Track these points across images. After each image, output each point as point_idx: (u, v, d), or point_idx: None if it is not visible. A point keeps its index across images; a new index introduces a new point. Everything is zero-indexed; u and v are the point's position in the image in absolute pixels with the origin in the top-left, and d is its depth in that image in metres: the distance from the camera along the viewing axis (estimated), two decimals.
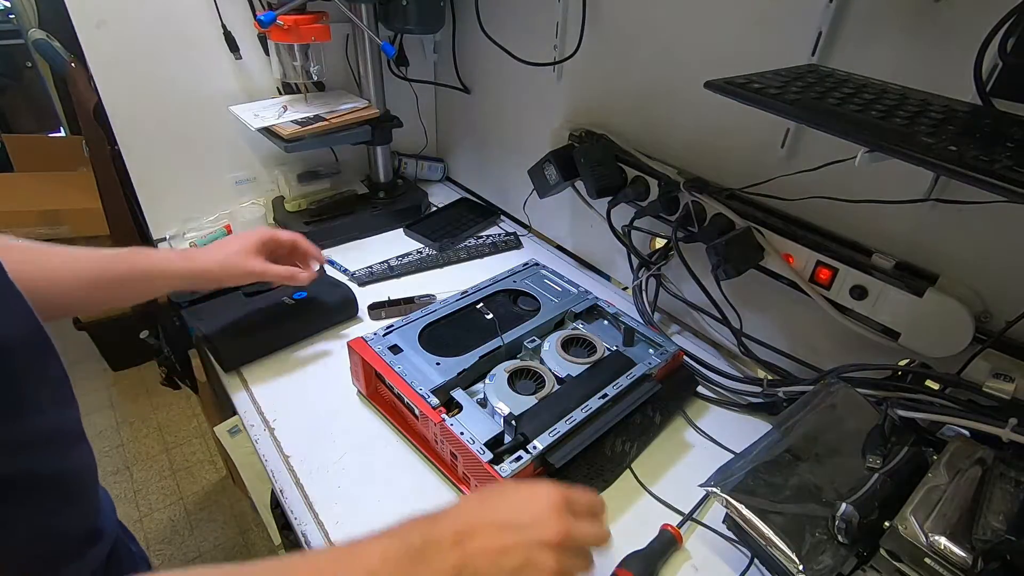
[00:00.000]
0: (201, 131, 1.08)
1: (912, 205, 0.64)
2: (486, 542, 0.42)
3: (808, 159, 0.71)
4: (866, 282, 0.68)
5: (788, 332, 0.83)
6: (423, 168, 1.41)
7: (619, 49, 0.92)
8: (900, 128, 0.46)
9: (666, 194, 0.85)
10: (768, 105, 0.52)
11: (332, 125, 1.05)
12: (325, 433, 0.74)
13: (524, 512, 0.44)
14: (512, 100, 1.18)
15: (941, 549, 0.49)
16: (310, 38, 0.99)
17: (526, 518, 0.44)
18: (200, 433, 1.96)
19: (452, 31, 1.23)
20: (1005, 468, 0.55)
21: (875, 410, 0.65)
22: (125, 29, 0.94)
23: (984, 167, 0.39)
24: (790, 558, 0.53)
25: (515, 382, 0.73)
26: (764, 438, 0.64)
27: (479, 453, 0.62)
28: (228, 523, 1.69)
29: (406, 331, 0.79)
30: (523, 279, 0.93)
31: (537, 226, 1.23)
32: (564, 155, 0.97)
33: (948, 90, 0.55)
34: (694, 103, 0.84)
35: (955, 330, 0.62)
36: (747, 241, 0.76)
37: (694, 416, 0.80)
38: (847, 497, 0.55)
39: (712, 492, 0.59)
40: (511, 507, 0.45)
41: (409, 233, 1.18)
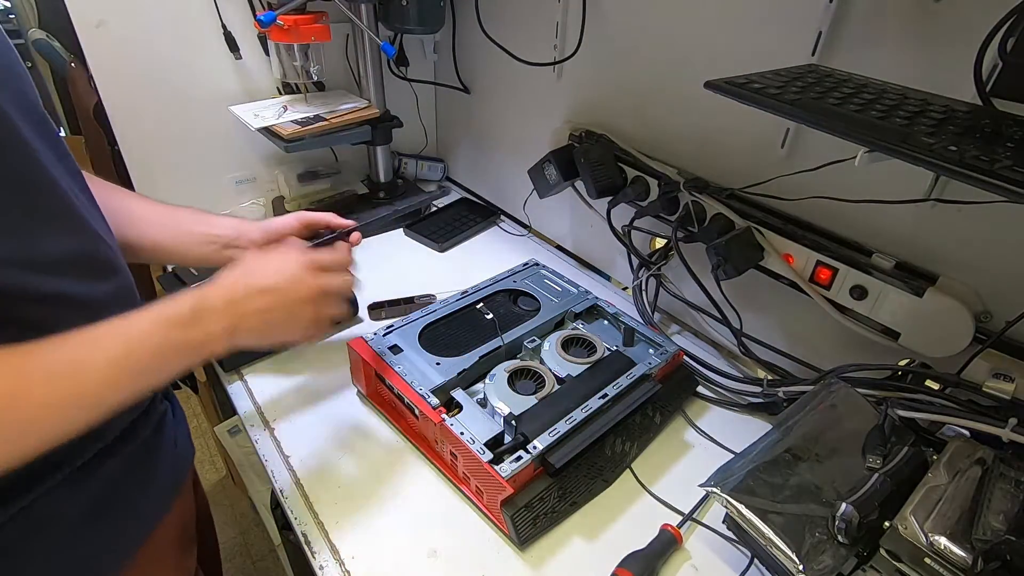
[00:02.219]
0: (201, 131, 1.08)
1: (912, 205, 0.64)
2: (252, 304, 0.51)
3: (808, 159, 0.71)
4: (866, 282, 0.68)
5: (788, 332, 0.83)
6: (423, 168, 1.41)
7: (619, 49, 0.92)
8: (900, 128, 0.46)
9: (666, 194, 0.85)
10: (768, 105, 0.52)
11: (332, 125, 1.05)
12: (325, 433, 0.75)
13: (280, 276, 0.54)
14: (512, 100, 1.18)
15: (941, 549, 0.49)
16: (310, 38, 0.99)
17: (283, 281, 0.53)
18: (200, 433, 1.96)
19: (452, 31, 1.23)
20: (1005, 468, 0.55)
21: (875, 410, 0.65)
22: (125, 29, 0.94)
23: (984, 167, 0.39)
24: (790, 558, 0.53)
25: (515, 382, 0.73)
26: (764, 438, 0.64)
27: (479, 453, 0.62)
28: (228, 523, 1.69)
29: (406, 331, 0.79)
30: (523, 279, 0.93)
31: (537, 226, 1.23)
32: (564, 155, 0.97)
33: (948, 90, 0.55)
34: (694, 103, 0.84)
35: (955, 330, 0.62)
36: (747, 241, 0.76)
37: (694, 416, 0.80)
38: (847, 497, 0.55)
39: (712, 492, 0.59)
40: (270, 273, 0.53)
41: (409, 233, 1.18)
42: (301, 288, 0.54)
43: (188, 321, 0.47)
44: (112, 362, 0.42)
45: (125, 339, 0.43)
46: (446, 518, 0.65)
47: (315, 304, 0.56)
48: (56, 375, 0.39)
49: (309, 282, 0.55)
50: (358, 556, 0.61)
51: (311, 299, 0.55)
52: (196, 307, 0.48)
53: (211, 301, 0.49)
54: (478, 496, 0.65)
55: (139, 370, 0.44)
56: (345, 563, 0.60)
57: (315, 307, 0.56)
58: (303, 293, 0.55)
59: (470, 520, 0.65)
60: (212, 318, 0.48)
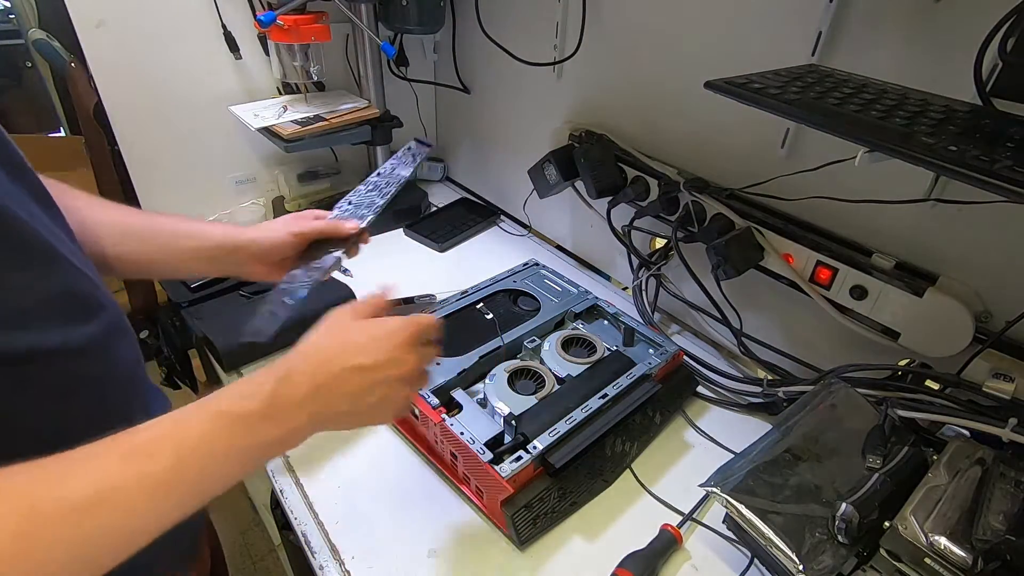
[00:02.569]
0: (201, 131, 1.08)
1: (912, 205, 0.64)
2: (345, 387, 0.42)
3: (808, 159, 0.71)
4: (866, 282, 0.68)
5: (788, 332, 0.83)
6: (423, 168, 1.41)
7: (619, 49, 0.92)
8: (900, 128, 0.46)
9: (666, 194, 0.85)
10: (768, 105, 0.52)
11: (332, 125, 1.05)
12: (325, 433, 0.74)
13: (381, 352, 0.44)
14: (512, 100, 1.18)
15: (941, 549, 0.49)
16: (310, 38, 0.99)
17: (383, 358, 0.44)
18: None
19: (452, 31, 1.23)
20: (1005, 468, 0.55)
21: (875, 410, 0.65)
22: (125, 29, 0.94)
23: (984, 167, 0.39)
24: (790, 558, 0.53)
25: (515, 382, 0.73)
26: (764, 438, 0.64)
27: (479, 453, 0.61)
28: (228, 523, 1.69)
29: None
30: (523, 279, 0.93)
31: (537, 226, 1.23)
32: (564, 155, 0.97)
33: (948, 90, 0.55)
34: (694, 103, 0.84)
35: (955, 330, 0.62)
36: (747, 241, 0.76)
37: (694, 416, 0.80)
38: (847, 497, 0.55)
39: (712, 492, 0.59)
40: (368, 348, 0.44)
41: (409, 233, 1.18)
42: (403, 367, 0.45)
43: (263, 417, 0.39)
44: (158, 481, 0.33)
45: (175, 447, 0.35)
46: (446, 518, 0.65)
47: (412, 384, 0.47)
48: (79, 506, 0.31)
49: (411, 360, 0.46)
50: (358, 556, 0.61)
51: (411, 379, 0.46)
52: (274, 398, 0.39)
53: (294, 389, 0.40)
54: (478, 496, 0.65)
55: (192, 484, 0.35)
56: (345, 563, 0.60)
57: (412, 387, 0.47)
58: (404, 372, 0.45)
59: (470, 520, 0.65)
60: (293, 411, 0.40)
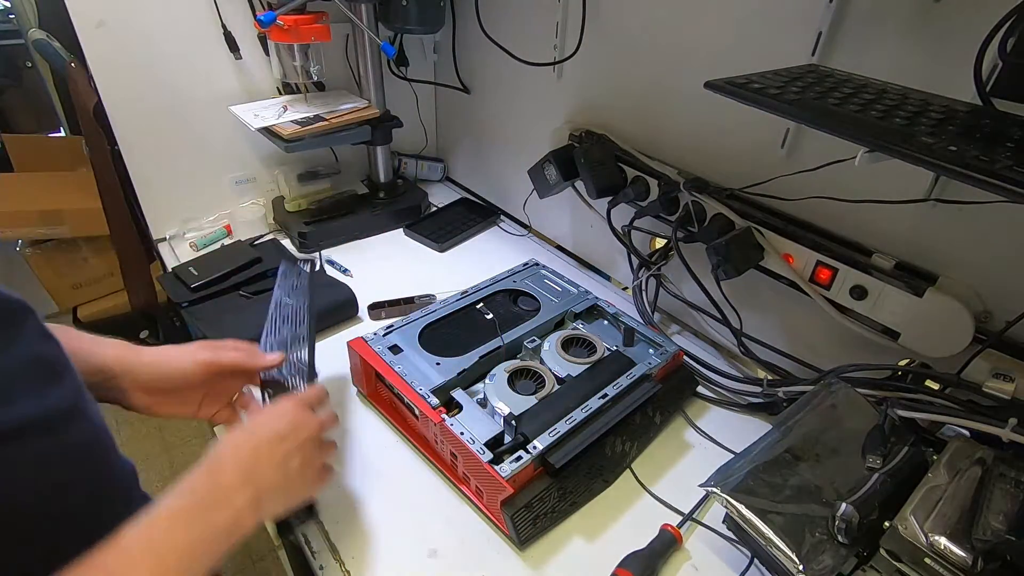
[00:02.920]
0: (201, 131, 1.08)
1: (912, 205, 0.64)
2: (266, 460, 0.49)
3: (808, 159, 0.71)
4: (866, 282, 0.68)
5: (788, 332, 0.83)
6: (423, 168, 1.41)
7: (619, 49, 0.92)
8: (900, 128, 0.46)
9: (666, 194, 0.85)
10: (768, 105, 0.52)
11: (332, 125, 1.05)
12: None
13: (283, 420, 0.52)
14: (512, 100, 1.18)
15: (941, 549, 0.49)
16: (310, 38, 0.99)
17: (287, 425, 0.51)
18: (200, 433, 1.96)
19: (452, 31, 1.23)
20: (1005, 468, 0.55)
21: (875, 410, 0.65)
22: (125, 29, 0.94)
23: (984, 167, 0.39)
24: (790, 558, 0.53)
25: (515, 382, 0.73)
26: (764, 438, 0.64)
27: (479, 453, 0.61)
28: None
29: (406, 331, 0.79)
30: (523, 279, 0.93)
31: (537, 226, 1.23)
32: (564, 155, 0.97)
33: (948, 90, 0.55)
34: (694, 103, 0.84)
35: (955, 330, 0.62)
36: (747, 241, 0.76)
37: (694, 416, 0.80)
38: (847, 497, 0.55)
39: (712, 492, 0.59)
40: (272, 423, 0.51)
41: (409, 233, 1.18)
42: (305, 427, 0.53)
43: (210, 504, 0.44)
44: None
45: (149, 547, 0.39)
46: (446, 518, 0.65)
47: (321, 444, 0.54)
48: None
49: (310, 420, 0.54)
50: (358, 556, 0.61)
51: (317, 437, 0.54)
52: (211, 486, 0.45)
53: (226, 475, 0.46)
54: (478, 496, 0.65)
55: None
56: (345, 563, 0.60)
57: (322, 446, 0.55)
58: (311, 431, 0.53)
59: (470, 520, 0.65)
60: (232, 494, 0.45)
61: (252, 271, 0.98)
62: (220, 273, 0.96)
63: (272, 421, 0.52)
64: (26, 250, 1.87)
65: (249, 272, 0.98)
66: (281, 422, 0.52)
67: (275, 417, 0.52)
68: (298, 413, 0.53)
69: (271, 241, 1.12)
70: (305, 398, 0.56)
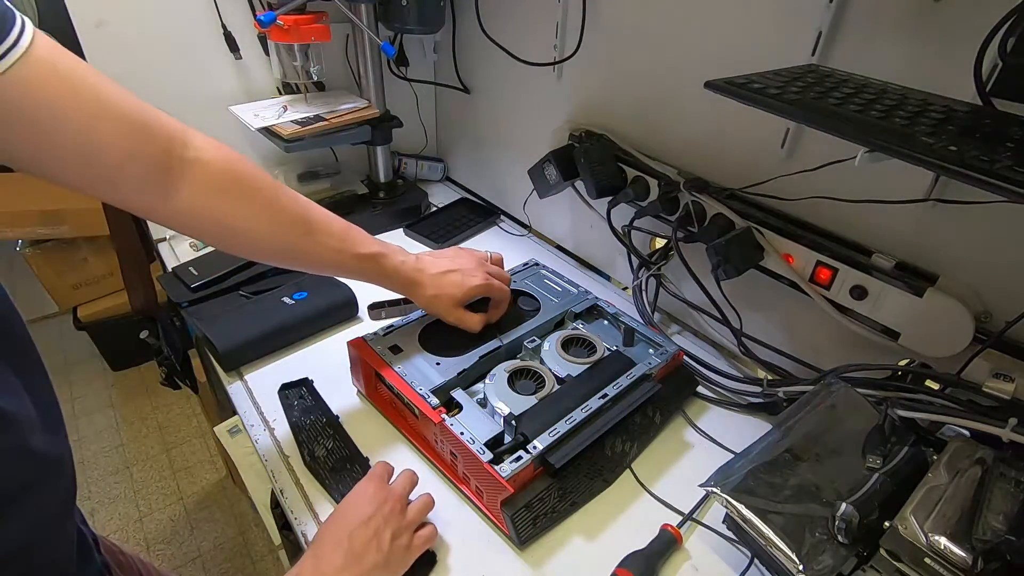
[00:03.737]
0: (201, 131, 1.08)
1: (912, 205, 0.64)
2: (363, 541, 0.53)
3: (808, 159, 0.71)
4: (866, 282, 0.68)
5: (788, 332, 0.83)
6: (423, 168, 1.41)
7: (619, 49, 0.92)
8: (900, 128, 0.46)
9: (666, 194, 0.85)
10: (768, 105, 0.52)
11: (332, 125, 1.05)
12: None
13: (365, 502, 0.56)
14: (512, 100, 1.18)
15: (941, 549, 0.49)
16: (310, 38, 0.99)
17: (369, 506, 0.55)
18: (200, 433, 1.96)
19: (452, 31, 1.23)
20: (1005, 468, 0.55)
21: (875, 410, 0.65)
22: (125, 29, 0.94)
23: (984, 167, 0.39)
24: (790, 558, 0.53)
25: (515, 382, 0.73)
26: (764, 438, 0.64)
27: (479, 453, 0.61)
28: (228, 523, 1.69)
29: (406, 331, 0.79)
30: (523, 279, 0.93)
31: (537, 226, 1.23)
32: (564, 155, 0.97)
33: (948, 90, 0.55)
34: (694, 103, 0.84)
35: (955, 330, 0.62)
36: (747, 241, 0.76)
37: (694, 416, 0.80)
38: (847, 497, 0.55)
39: (712, 492, 0.59)
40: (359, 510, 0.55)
41: (409, 233, 1.18)
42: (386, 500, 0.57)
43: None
44: None
45: None
46: (446, 518, 0.65)
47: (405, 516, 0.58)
48: None
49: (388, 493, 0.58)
50: None
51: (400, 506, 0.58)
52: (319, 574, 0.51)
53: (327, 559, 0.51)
54: (478, 496, 0.65)
55: None
56: None
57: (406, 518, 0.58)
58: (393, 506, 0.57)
59: (470, 520, 0.65)
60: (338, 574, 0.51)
61: (252, 271, 0.98)
62: (220, 273, 0.96)
63: (357, 505, 0.56)
64: (26, 250, 1.87)
65: (249, 272, 0.98)
66: (362, 501, 0.56)
67: (360, 499, 0.56)
68: (377, 490, 0.57)
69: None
70: (375, 473, 0.60)
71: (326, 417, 0.76)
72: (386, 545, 0.53)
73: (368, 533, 0.53)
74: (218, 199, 0.53)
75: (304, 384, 0.81)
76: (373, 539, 0.53)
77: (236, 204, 0.55)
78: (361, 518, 0.54)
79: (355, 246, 0.65)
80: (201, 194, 0.52)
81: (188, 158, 0.51)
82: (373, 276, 0.68)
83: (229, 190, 0.54)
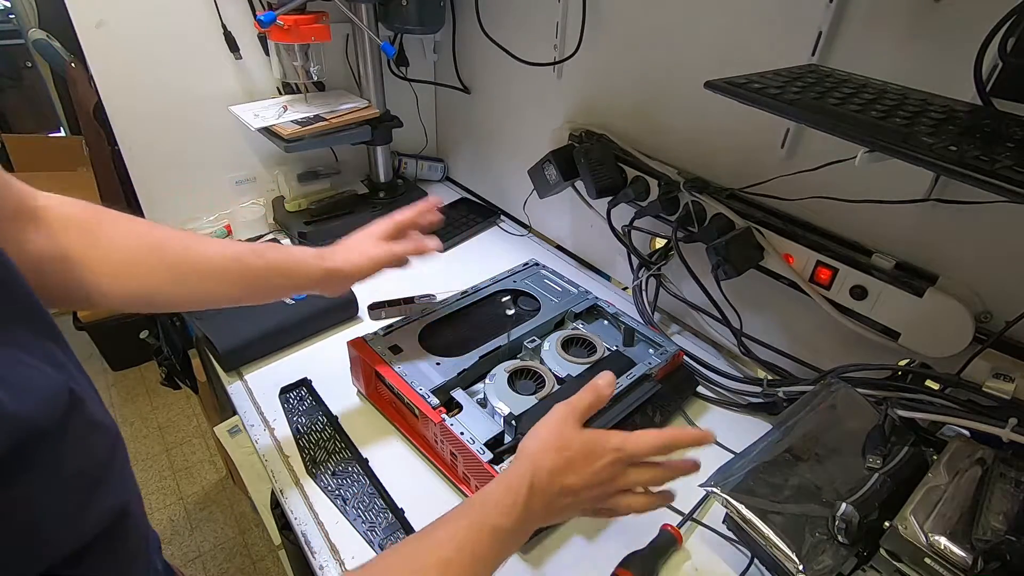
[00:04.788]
0: (201, 131, 1.08)
1: (912, 205, 0.64)
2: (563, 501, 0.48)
3: (808, 159, 0.71)
4: (866, 282, 0.68)
5: (788, 332, 0.83)
6: (423, 168, 1.41)
7: (619, 49, 0.92)
8: (900, 128, 0.46)
9: (666, 194, 0.85)
10: (768, 105, 0.52)
11: (332, 125, 1.05)
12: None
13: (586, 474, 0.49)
14: (512, 100, 1.18)
15: (941, 549, 0.49)
16: (310, 38, 0.99)
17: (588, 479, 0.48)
18: (200, 433, 1.96)
19: (452, 31, 1.23)
20: (1005, 468, 0.55)
21: (875, 410, 0.65)
22: (125, 29, 0.94)
23: (984, 167, 0.39)
24: (790, 558, 0.53)
25: (515, 382, 0.73)
26: (764, 438, 0.64)
27: (479, 453, 0.61)
28: (228, 523, 1.69)
29: (406, 331, 0.79)
30: (523, 279, 0.93)
31: (537, 226, 1.23)
32: (564, 155, 0.97)
33: (948, 90, 0.55)
34: (694, 103, 0.84)
35: (955, 330, 0.62)
36: (747, 241, 0.76)
37: (694, 416, 0.80)
38: (847, 497, 0.55)
39: (712, 492, 0.59)
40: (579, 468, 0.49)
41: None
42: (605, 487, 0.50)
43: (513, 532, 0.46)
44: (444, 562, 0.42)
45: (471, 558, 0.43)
46: None
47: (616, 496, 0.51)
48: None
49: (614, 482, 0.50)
50: (358, 556, 0.61)
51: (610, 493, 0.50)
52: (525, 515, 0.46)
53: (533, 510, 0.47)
54: None
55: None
56: (345, 563, 0.60)
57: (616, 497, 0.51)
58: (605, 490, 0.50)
59: None
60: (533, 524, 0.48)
61: None
62: None
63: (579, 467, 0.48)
64: None
65: None
66: (583, 474, 0.48)
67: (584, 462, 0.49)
68: (603, 470, 0.49)
69: (271, 241, 1.12)
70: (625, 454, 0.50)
71: (326, 418, 0.75)
72: (580, 507, 0.50)
73: (571, 499, 0.48)
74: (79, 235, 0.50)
75: (304, 384, 0.81)
76: (573, 505, 0.49)
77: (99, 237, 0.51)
78: (576, 483, 0.48)
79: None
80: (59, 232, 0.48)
81: (39, 205, 0.48)
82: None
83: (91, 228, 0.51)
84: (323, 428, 0.74)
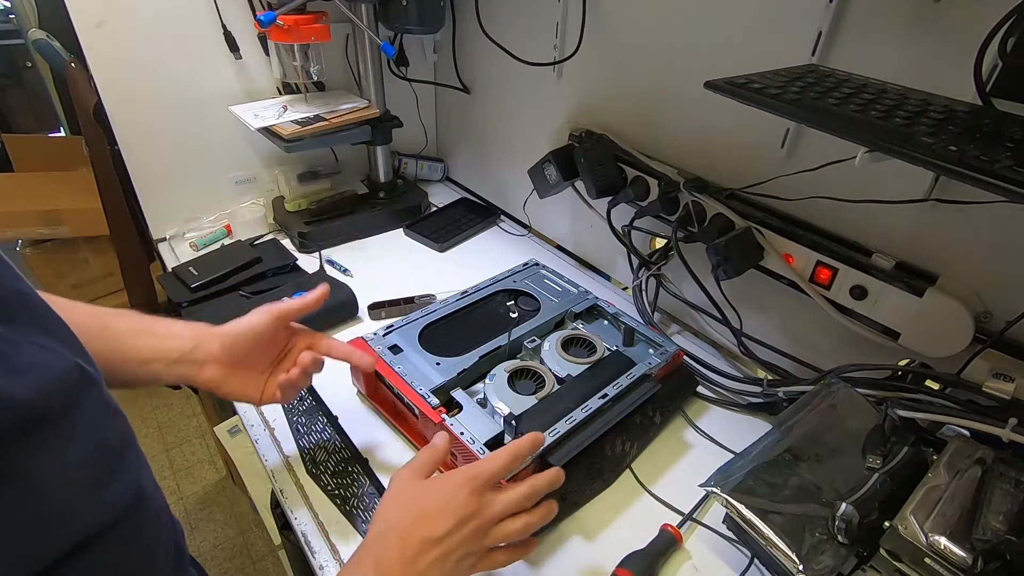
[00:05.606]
0: (201, 131, 1.08)
1: (912, 205, 0.64)
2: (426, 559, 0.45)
3: (808, 159, 0.71)
4: (866, 282, 0.68)
5: (788, 332, 0.83)
6: (423, 168, 1.41)
7: (619, 49, 0.92)
8: (900, 128, 0.46)
9: (666, 194, 0.85)
10: (768, 105, 0.52)
11: (332, 125, 1.05)
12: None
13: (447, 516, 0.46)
14: (512, 100, 1.18)
15: (941, 549, 0.49)
16: (310, 38, 0.99)
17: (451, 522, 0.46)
18: (200, 433, 1.96)
19: (452, 31, 1.23)
20: (1005, 468, 0.55)
21: (875, 410, 0.65)
22: (125, 29, 0.94)
23: (984, 167, 0.39)
24: (790, 558, 0.53)
25: (515, 382, 0.73)
26: (764, 438, 0.64)
27: (479, 453, 0.61)
28: (228, 523, 1.69)
29: (406, 331, 0.79)
30: (523, 279, 0.93)
31: (537, 226, 1.23)
32: (564, 155, 0.97)
33: (948, 90, 0.55)
34: (694, 103, 0.84)
35: (955, 330, 0.62)
36: (747, 241, 0.76)
37: (694, 416, 0.80)
38: (847, 497, 0.55)
39: (712, 492, 0.59)
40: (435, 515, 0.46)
41: (409, 233, 1.18)
42: (476, 520, 0.47)
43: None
44: None
45: None
46: None
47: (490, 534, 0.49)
48: None
49: (483, 513, 0.48)
50: None
51: (485, 531, 0.48)
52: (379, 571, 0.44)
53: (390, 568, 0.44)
54: None
55: None
56: (345, 563, 0.60)
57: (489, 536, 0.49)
58: (478, 526, 0.47)
59: None
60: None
61: (252, 271, 0.98)
62: (220, 273, 0.96)
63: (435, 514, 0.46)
64: (26, 250, 1.87)
65: (249, 272, 0.98)
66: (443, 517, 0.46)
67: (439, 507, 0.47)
68: (468, 500, 0.47)
69: (271, 241, 1.12)
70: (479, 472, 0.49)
71: (326, 418, 0.75)
72: (450, 566, 0.46)
73: (438, 552, 0.46)
74: None
75: None
76: (440, 560, 0.46)
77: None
78: (437, 531, 0.46)
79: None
80: None
81: None
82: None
83: None
84: (323, 428, 0.74)
